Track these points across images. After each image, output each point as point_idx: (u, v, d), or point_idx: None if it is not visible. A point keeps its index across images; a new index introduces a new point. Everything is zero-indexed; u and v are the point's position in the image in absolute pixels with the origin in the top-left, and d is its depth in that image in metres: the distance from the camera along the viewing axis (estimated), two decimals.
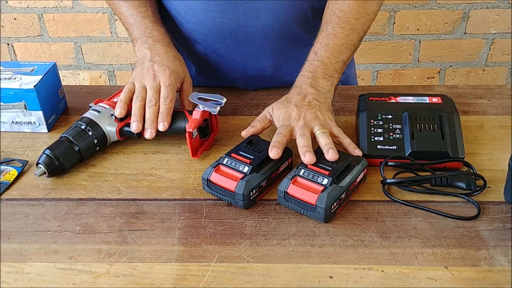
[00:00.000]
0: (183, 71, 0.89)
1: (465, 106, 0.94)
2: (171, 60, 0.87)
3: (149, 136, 0.81)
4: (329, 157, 0.73)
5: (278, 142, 0.75)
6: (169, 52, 0.89)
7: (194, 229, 0.69)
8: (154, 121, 0.82)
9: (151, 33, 0.91)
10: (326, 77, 0.85)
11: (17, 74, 0.90)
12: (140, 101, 0.83)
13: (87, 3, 1.75)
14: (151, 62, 0.86)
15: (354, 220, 0.70)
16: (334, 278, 0.62)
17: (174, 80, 0.85)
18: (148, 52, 0.88)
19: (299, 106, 0.81)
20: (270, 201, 0.74)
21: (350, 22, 0.89)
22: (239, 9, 0.93)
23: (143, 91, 0.84)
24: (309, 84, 0.84)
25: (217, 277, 0.62)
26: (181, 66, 0.89)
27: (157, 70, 0.85)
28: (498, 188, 0.73)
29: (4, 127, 0.90)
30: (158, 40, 0.90)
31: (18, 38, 1.84)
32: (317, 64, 0.86)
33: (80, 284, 0.62)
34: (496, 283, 0.61)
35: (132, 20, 0.94)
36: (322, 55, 0.87)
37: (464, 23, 1.74)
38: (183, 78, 0.89)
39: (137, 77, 0.86)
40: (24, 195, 0.77)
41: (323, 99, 0.83)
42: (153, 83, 0.84)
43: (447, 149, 0.77)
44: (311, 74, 0.85)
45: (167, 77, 0.84)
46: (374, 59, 1.83)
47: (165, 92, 0.83)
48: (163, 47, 0.89)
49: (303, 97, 0.82)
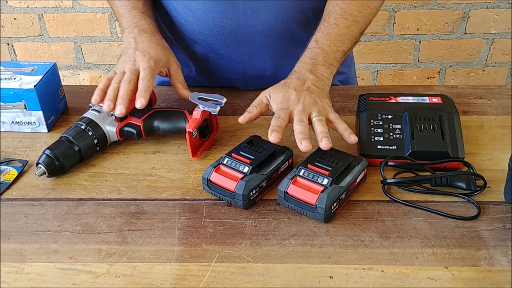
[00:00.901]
0: (165, 55, 0.89)
1: (465, 106, 0.94)
2: (152, 46, 0.88)
3: (119, 112, 0.81)
4: (322, 146, 0.73)
5: (277, 126, 0.75)
6: (152, 39, 0.90)
7: (194, 229, 0.69)
8: (125, 98, 0.81)
9: (138, 22, 0.93)
10: (326, 65, 0.86)
11: (17, 74, 0.90)
12: (116, 84, 0.83)
13: (87, 3, 1.75)
14: (134, 50, 0.87)
15: (354, 220, 0.70)
16: (334, 278, 0.62)
17: (153, 63, 0.85)
18: (133, 41, 0.89)
19: (298, 90, 0.81)
20: (270, 201, 0.74)
21: (353, 14, 0.89)
22: (239, 9, 0.93)
23: (121, 75, 0.84)
24: (309, 70, 0.85)
25: (217, 277, 0.62)
26: (164, 51, 0.89)
27: (137, 56, 0.86)
28: (498, 188, 0.73)
29: (4, 127, 0.90)
30: (143, 29, 0.91)
31: (18, 38, 1.84)
32: (317, 52, 0.87)
33: (80, 284, 0.62)
34: (496, 283, 0.61)
35: (122, 10, 0.96)
36: (323, 43, 0.87)
37: (464, 23, 1.74)
38: (166, 62, 0.89)
39: (119, 65, 0.87)
40: (24, 195, 0.77)
41: (322, 86, 0.83)
42: (131, 67, 0.85)
43: (447, 149, 0.77)
44: (311, 60, 0.86)
45: (146, 61, 0.85)
46: (374, 59, 1.83)
47: (143, 73, 0.84)
48: (147, 35, 0.90)
49: (303, 82, 0.82)
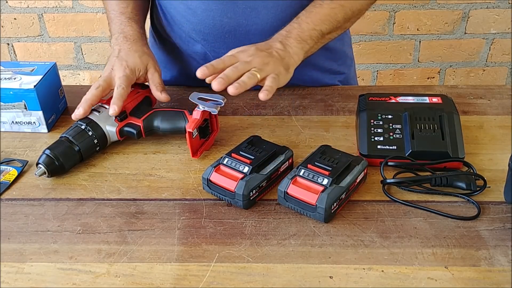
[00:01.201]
0: (142, 62, 0.90)
1: (465, 106, 0.94)
2: (131, 55, 0.90)
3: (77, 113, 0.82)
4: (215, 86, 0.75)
5: (211, 65, 0.78)
6: (132, 47, 0.91)
7: (194, 229, 0.69)
8: (87, 102, 0.83)
9: (123, 29, 0.94)
10: (298, 39, 0.86)
11: (17, 74, 0.90)
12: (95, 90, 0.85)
13: (87, 3, 1.75)
14: (115, 57, 0.89)
15: (354, 220, 0.70)
16: (334, 278, 0.62)
17: (129, 72, 0.87)
18: (116, 49, 0.91)
19: (259, 49, 0.82)
20: (270, 201, 0.74)
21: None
22: (239, 8, 0.93)
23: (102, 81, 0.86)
24: (279, 40, 0.86)
25: (217, 277, 0.62)
26: (141, 58, 0.90)
27: (115, 65, 0.88)
28: (498, 188, 0.73)
29: (4, 127, 0.90)
30: (126, 36, 0.93)
31: (18, 38, 1.84)
32: (294, 26, 0.88)
33: (80, 284, 0.62)
34: (496, 283, 0.61)
35: (112, 15, 0.97)
36: (302, 19, 0.88)
37: (464, 23, 1.74)
38: (144, 68, 0.90)
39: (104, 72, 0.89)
40: (24, 195, 0.77)
41: (285, 56, 0.84)
42: (107, 75, 0.87)
43: (447, 149, 0.77)
44: (286, 33, 0.87)
45: (122, 69, 0.87)
46: (374, 59, 1.83)
47: (118, 82, 0.85)
48: (128, 43, 0.92)
49: (268, 47, 0.84)
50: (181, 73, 1.09)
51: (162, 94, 0.89)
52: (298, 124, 0.91)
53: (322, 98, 0.99)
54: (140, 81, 0.91)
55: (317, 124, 0.91)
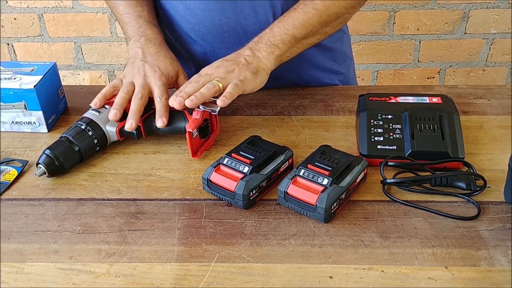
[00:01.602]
0: (174, 68, 0.90)
1: (465, 106, 0.94)
2: (161, 60, 0.88)
3: (129, 127, 0.81)
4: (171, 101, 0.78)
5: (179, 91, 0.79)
6: (160, 51, 0.90)
7: (194, 229, 0.69)
8: (136, 113, 0.81)
9: (144, 32, 0.92)
10: (268, 44, 0.87)
11: (17, 74, 0.90)
12: (125, 94, 0.83)
13: (87, 3, 1.75)
14: (142, 62, 0.87)
15: (354, 220, 0.70)
16: (334, 278, 0.62)
17: (165, 79, 0.86)
18: (140, 51, 0.89)
19: (226, 59, 0.83)
20: (270, 201, 0.74)
21: (314, 2, 0.88)
22: (237, 7, 0.93)
23: (130, 86, 0.85)
24: (249, 47, 0.87)
25: (217, 277, 0.62)
26: (172, 64, 0.90)
27: (147, 71, 0.86)
28: (498, 188, 0.73)
29: (4, 127, 0.90)
30: (150, 39, 0.91)
31: (18, 38, 1.84)
32: (266, 31, 0.88)
33: (80, 284, 0.62)
34: (496, 283, 0.61)
35: (127, 19, 0.95)
36: (274, 24, 0.89)
37: (464, 23, 1.75)
38: (176, 75, 0.90)
39: (127, 74, 0.87)
40: (24, 195, 0.77)
41: (254, 61, 0.84)
42: (142, 81, 0.85)
43: (447, 149, 0.77)
44: (257, 38, 0.88)
45: (158, 78, 0.85)
46: (374, 59, 1.83)
47: (159, 91, 0.84)
48: (155, 46, 0.90)
49: (236, 56, 0.85)
50: None
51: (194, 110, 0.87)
52: (298, 124, 0.91)
53: (322, 98, 0.99)
54: (170, 87, 0.89)
55: (317, 124, 0.91)
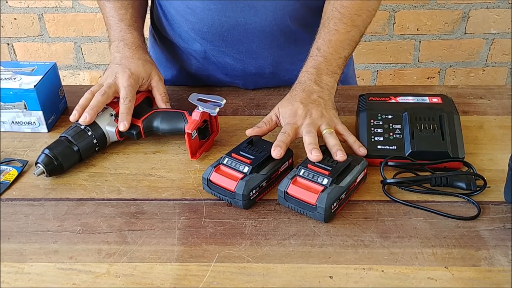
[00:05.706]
0: (146, 70, 0.90)
1: (465, 106, 0.94)
2: (134, 62, 0.89)
3: (82, 120, 0.81)
4: (338, 158, 0.74)
5: (282, 142, 0.76)
6: (135, 54, 0.91)
7: (194, 229, 0.69)
8: (93, 109, 0.82)
9: (124, 36, 0.93)
10: (330, 73, 0.86)
11: (17, 74, 0.90)
12: (89, 94, 0.84)
13: (87, 3, 1.75)
14: (117, 65, 0.89)
15: (354, 220, 0.70)
16: (334, 278, 0.62)
17: (133, 81, 0.87)
18: (117, 56, 0.90)
19: (304, 103, 0.81)
20: (270, 201, 0.74)
21: (352, 18, 0.89)
22: (237, 6, 0.93)
23: (99, 87, 0.86)
24: (313, 81, 0.85)
25: (217, 277, 0.62)
26: (144, 66, 0.90)
27: (118, 72, 0.87)
28: (498, 188, 0.73)
29: (4, 127, 0.90)
30: (127, 43, 0.92)
31: (18, 38, 1.84)
32: (320, 60, 0.87)
33: (80, 284, 0.62)
34: (496, 283, 0.61)
35: (111, 21, 0.96)
36: (325, 50, 0.87)
37: (464, 23, 1.74)
38: (148, 77, 0.90)
39: (103, 79, 0.88)
40: (24, 195, 0.77)
41: (327, 96, 0.84)
42: (110, 82, 0.86)
43: (447, 149, 0.77)
44: (315, 70, 0.86)
45: (126, 78, 0.86)
46: (374, 59, 1.83)
47: (124, 92, 0.85)
48: (130, 50, 0.91)
49: (308, 94, 0.83)
50: (181, 71, 1.09)
51: (167, 105, 0.89)
52: None
53: None
54: (143, 89, 0.90)
55: None
